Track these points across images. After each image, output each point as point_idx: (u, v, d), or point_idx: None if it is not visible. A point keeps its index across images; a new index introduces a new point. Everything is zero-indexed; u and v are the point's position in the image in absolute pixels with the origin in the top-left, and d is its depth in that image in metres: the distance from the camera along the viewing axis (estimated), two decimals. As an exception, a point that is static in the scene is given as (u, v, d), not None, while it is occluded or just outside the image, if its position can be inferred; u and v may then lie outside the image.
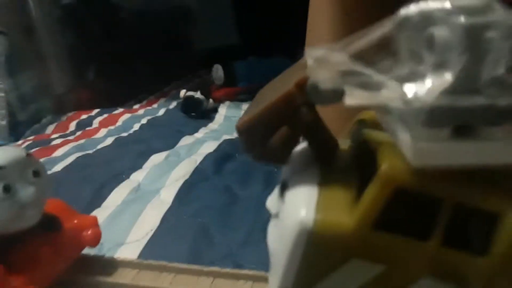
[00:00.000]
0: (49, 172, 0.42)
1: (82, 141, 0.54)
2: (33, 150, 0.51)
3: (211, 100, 0.72)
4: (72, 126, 0.66)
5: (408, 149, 0.10)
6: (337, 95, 0.10)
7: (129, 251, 0.28)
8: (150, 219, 0.31)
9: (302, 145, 0.15)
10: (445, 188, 0.11)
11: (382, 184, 0.11)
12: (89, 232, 0.22)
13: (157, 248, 0.28)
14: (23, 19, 0.77)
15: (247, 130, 0.12)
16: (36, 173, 0.19)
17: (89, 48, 0.88)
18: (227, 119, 0.67)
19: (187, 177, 0.39)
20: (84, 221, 0.23)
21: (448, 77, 0.10)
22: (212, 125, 0.62)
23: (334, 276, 0.11)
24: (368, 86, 0.10)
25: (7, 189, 0.18)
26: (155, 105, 0.78)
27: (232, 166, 0.43)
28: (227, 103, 0.77)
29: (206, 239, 0.29)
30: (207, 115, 0.68)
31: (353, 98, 0.10)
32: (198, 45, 1.08)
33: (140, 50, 0.93)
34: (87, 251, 0.24)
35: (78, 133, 0.60)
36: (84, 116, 0.70)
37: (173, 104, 0.76)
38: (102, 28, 0.92)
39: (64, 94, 0.83)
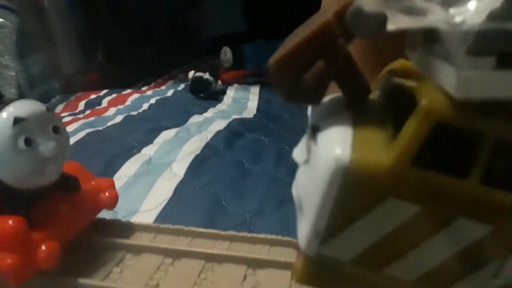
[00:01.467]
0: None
1: (91, 118, 0.54)
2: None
3: (219, 82, 0.71)
4: (81, 105, 0.66)
5: (452, 80, 0.10)
6: (380, 21, 0.10)
7: (143, 219, 0.27)
8: (163, 190, 0.31)
9: (331, 95, 0.14)
10: (487, 122, 0.10)
11: (423, 118, 0.10)
12: (107, 193, 0.22)
13: (171, 216, 0.28)
14: (33, 0, 0.77)
15: (280, 65, 0.11)
16: (56, 129, 0.19)
17: (98, 30, 0.87)
18: (235, 101, 0.67)
19: (198, 152, 0.39)
20: (102, 183, 0.23)
21: (495, 1, 0.09)
22: (221, 106, 0.62)
23: (369, 217, 0.11)
24: (412, 11, 0.10)
25: (28, 142, 0.17)
26: (163, 87, 0.77)
27: (243, 143, 0.42)
28: (236, 85, 0.76)
29: (219, 208, 0.29)
30: (216, 97, 0.67)
31: (397, 23, 0.10)
32: (206, 30, 1.07)
33: (148, 34, 0.93)
34: (103, 216, 0.24)
35: (88, 111, 0.60)
36: (93, 96, 0.70)
37: (181, 86, 0.76)
38: (111, 11, 0.92)
39: (73, 75, 0.83)
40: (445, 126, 0.10)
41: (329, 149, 0.11)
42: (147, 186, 0.32)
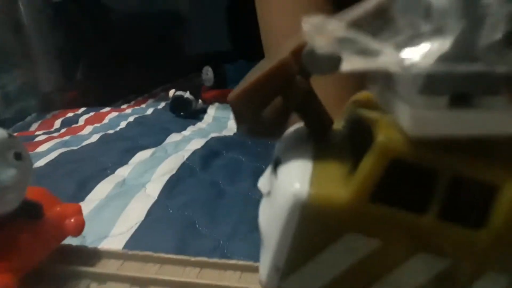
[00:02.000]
0: (31, 167, 0.41)
1: (66, 137, 0.53)
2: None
3: (200, 101, 0.71)
4: (57, 123, 0.65)
5: (406, 118, 0.10)
6: (334, 61, 0.10)
7: (113, 244, 0.27)
8: (135, 212, 0.31)
9: (295, 126, 0.14)
10: (442, 159, 0.10)
11: (379, 155, 0.10)
12: (72, 220, 0.22)
13: (142, 241, 0.27)
14: (11, 16, 0.76)
15: (239, 101, 0.11)
16: (18, 156, 0.18)
17: (78, 48, 0.86)
18: (216, 119, 0.67)
19: (173, 172, 0.38)
20: (67, 209, 0.22)
21: (445, 43, 0.10)
22: (201, 125, 0.62)
23: (328, 252, 0.11)
24: (365, 52, 0.10)
25: (-15, 169, 0.17)
26: (143, 105, 0.77)
27: (220, 162, 0.42)
28: (216, 104, 0.76)
29: (193, 232, 0.28)
30: (196, 116, 0.67)
31: (350, 64, 0.10)
32: (189, 49, 1.08)
33: (129, 52, 0.93)
34: (69, 242, 0.23)
35: (63, 130, 0.58)
36: (70, 114, 0.68)
37: (162, 104, 0.75)
38: (92, 29, 0.91)
39: (51, 93, 0.81)
40: (401, 162, 0.10)
41: (288, 184, 0.11)
42: (119, 208, 0.31)
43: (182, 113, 0.66)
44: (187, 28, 1.06)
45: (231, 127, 0.62)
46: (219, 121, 0.65)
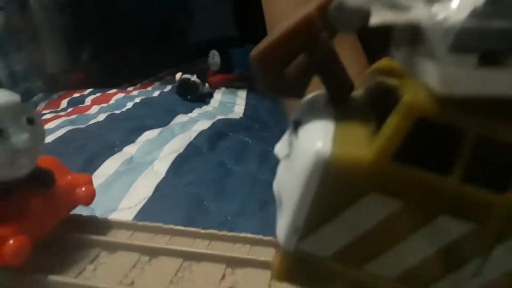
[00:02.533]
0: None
1: (73, 116, 0.53)
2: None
3: (206, 85, 0.71)
4: (64, 103, 0.65)
5: (434, 76, 0.10)
6: (363, 15, 0.10)
7: (121, 217, 0.27)
8: (143, 188, 0.31)
9: (315, 92, 0.14)
10: (469, 118, 0.10)
11: (404, 114, 0.10)
12: (83, 189, 0.22)
13: (150, 215, 0.27)
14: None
15: (262, 57, 0.11)
16: (30, 121, 0.18)
17: (84, 30, 0.86)
18: (222, 104, 0.66)
19: (181, 151, 0.38)
20: (78, 178, 0.22)
21: (479, -3, 0.09)
22: (207, 108, 0.62)
23: (349, 212, 0.11)
24: (395, 6, 0.10)
25: (0, 132, 0.17)
26: (149, 88, 0.76)
27: (226, 143, 0.42)
28: (223, 89, 0.76)
29: (200, 208, 0.28)
30: (203, 100, 0.67)
31: (379, 17, 0.09)
32: (195, 34, 1.07)
33: (136, 35, 0.92)
34: (79, 212, 0.23)
35: (70, 109, 0.58)
36: (76, 95, 0.68)
37: (168, 87, 0.75)
38: (98, 11, 0.90)
39: (57, 74, 0.81)
40: (427, 122, 0.10)
41: (310, 143, 0.11)
42: (127, 184, 0.31)
43: (189, 96, 0.65)
44: (193, 12, 1.05)
45: (237, 111, 0.62)
46: (225, 106, 0.65)
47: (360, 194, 0.11)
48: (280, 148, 0.14)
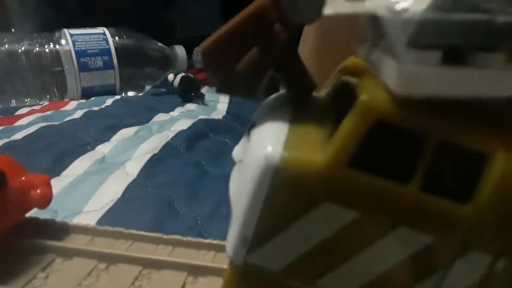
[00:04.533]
0: (7, 140, 0.39)
1: (48, 112, 0.51)
2: (-7, 118, 0.48)
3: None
4: (40, 98, 0.63)
5: (393, 74, 0.09)
6: (317, 4, 0.09)
7: (85, 220, 0.25)
8: (112, 189, 0.29)
9: (277, 93, 0.13)
10: (430, 122, 0.09)
11: (361, 115, 0.09)
12: (38, 191, 0.20)
13: (116, 218, 0.26)
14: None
15: (211, 52, 0.10)
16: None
17: (63, 23, 0.83)
18: (206, 103, 0.65)
19: (156, 151, 0.37)
20: (34, 179, 0.21)
21: (442, -12, 0.08)
22: (189, 106, 0.60)
23: (301, 223, 0.10)
24: (351, -4, 0.09)
25: None
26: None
27: (205, 144, 0.41)
28: (206, 87, 0.75)
29: (170, 211, 0.27)
30: (203, 97, 0.65)
31: (335, 7, 0.09)
32: (180, 31, 1.05)
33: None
34: (39, 216, 0.22)
35: (46, 104, 0.56)
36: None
37: (148, 87, 0.73)
38: (78, 2, 0.88)
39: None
40: (385, 124, 0.09)
41: (260, 146, 0.10)
42: (95, 185, 0.30)
43: (192, 94, 0.63)
44: (179, 8, 1.03)
45: (220, 109, 0.61)
46: (208, 104, 0.64)
47: (313, 203, 0.10)
48: (236, 152, 0.13)
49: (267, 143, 0.10)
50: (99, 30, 0.65)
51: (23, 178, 0.20)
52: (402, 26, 0.08)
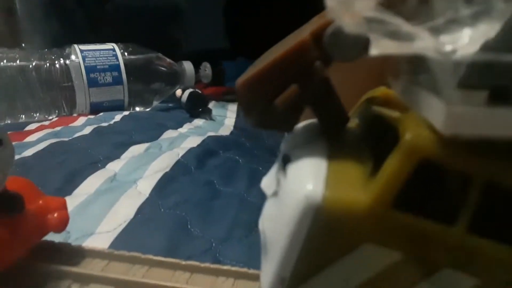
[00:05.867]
0: (18, 157, 0.39)
1: (58, 128, 0.51)
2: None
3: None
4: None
5: (439, 114, 0.09)
6: (362, 43, 0.09)
7: (98, 242, 0.25)
8: (124, 210, 0.29)
9: (305, 121, 0.13)
10: (477, 162, 0.09)
11: (406, 154, 0.09)
12: (55, 215, 0.20)
13: (130, 240, 0.25)
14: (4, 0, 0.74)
15: (248, 87, 0.10)
16: (-2, 141, 0.17)
17: (71, 37, 0.84)
18: (213, 118, 0.65)
19: (167, 169, 0.37)
20: (51, 203, 0.20)
21: (491, 29, 0.08)
22: (197, 122, 0.60)
23: (342, 264, 0.10)
24: (397, 36, 0.09)
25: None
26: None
27: (215, 162, 0.41)
28: (213, 102, 0.75)
29: (184, 233, 0.27)
30: (210, 112, 0.65)
31: (380, 47, 0.08)
32: (186, 45, 1.06)
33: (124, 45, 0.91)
34: (52, 238, 0.21)
35: (55, 119, 0.56)
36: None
37: (155, 102, 0.73)
38: (86, 18, 0.89)
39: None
40: (431, 165, 0.09)
41: (300, 184, 0.10)
42: (107, 205, 0.29)
43: (200, 109, 0.63)
44: (184, 23, 1.04)
45: (228, 125, 0.61)
46: (216, 119, 0.64)
47: (354, 244, 0.09)
48: (267, 184, 0.12)
49: (307, 180, 0.10)
50: (109, 46, 0.65)
51: (40, 201, 0.20)
52: (452, 67, 0.08)
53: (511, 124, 0.09)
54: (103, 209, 0.29)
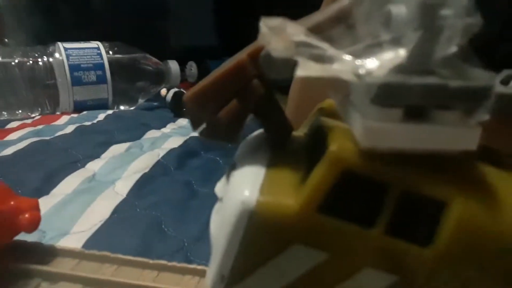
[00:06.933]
0: (-3, 156, 0.39)
1: (40, 127, 0.51)
2: (-16, 133, 0.48)
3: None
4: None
5: (358, 129, 0.10)
6: (289, 66, 0.10)
7: (72, 241, 0.26)
8: (100, 210, 0.30)
9: (257, 132, 0.14)
10: (393, 173, 0.10)
11: (330, 165, 0.10)
12: (26, 215, 0.21)
13: (103, 240, 0.26)
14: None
15: (195, 100, 0.11)
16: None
17: (56, 34, 0.84)
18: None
19: (146, 170, 0.37)
20: (23, 203, 0.21)
21: (401, 54, 0.09)
22: (181, 122, 0.61)
23: (274, 263, 0.11)
24: (322, 59, 0.10)
25: None
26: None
27: (196, 163, 0.41)
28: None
29: (158, 232, 0.27)
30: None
31: (305, 69, 0.09)
32: (173, 42, 1.06)
33: (110, 40, 0.90)
34: (27, 238, 0.22)
35: (37, 117, 0.57)
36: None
37: (141, 100, 0.74)
38: (72, 15, 0.89)
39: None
40: (352, 174, 0.10)
41: (238, 190, 0.11)
42: (84, 205, 0.30)
43: (184, 109, 0.63)
44: (171, 20, 1.04)
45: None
46: (200, 120, 0.65)
47: (285, 245, 0.10)
48: (219, 188, 0.13)
49: (244, 187, 0.11)
50: (93, 44, 0.66)
51: (12, 202, 0.21)
52: (366, 88, 0.09)
53: (423, 138, 0.10)
54: (79, 209, 0.30)
